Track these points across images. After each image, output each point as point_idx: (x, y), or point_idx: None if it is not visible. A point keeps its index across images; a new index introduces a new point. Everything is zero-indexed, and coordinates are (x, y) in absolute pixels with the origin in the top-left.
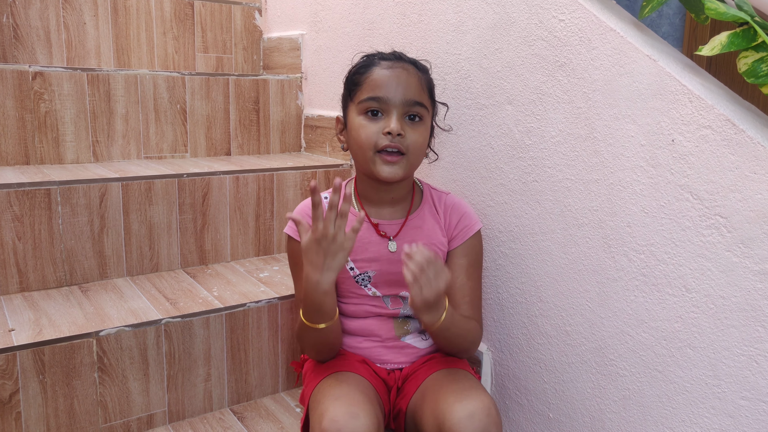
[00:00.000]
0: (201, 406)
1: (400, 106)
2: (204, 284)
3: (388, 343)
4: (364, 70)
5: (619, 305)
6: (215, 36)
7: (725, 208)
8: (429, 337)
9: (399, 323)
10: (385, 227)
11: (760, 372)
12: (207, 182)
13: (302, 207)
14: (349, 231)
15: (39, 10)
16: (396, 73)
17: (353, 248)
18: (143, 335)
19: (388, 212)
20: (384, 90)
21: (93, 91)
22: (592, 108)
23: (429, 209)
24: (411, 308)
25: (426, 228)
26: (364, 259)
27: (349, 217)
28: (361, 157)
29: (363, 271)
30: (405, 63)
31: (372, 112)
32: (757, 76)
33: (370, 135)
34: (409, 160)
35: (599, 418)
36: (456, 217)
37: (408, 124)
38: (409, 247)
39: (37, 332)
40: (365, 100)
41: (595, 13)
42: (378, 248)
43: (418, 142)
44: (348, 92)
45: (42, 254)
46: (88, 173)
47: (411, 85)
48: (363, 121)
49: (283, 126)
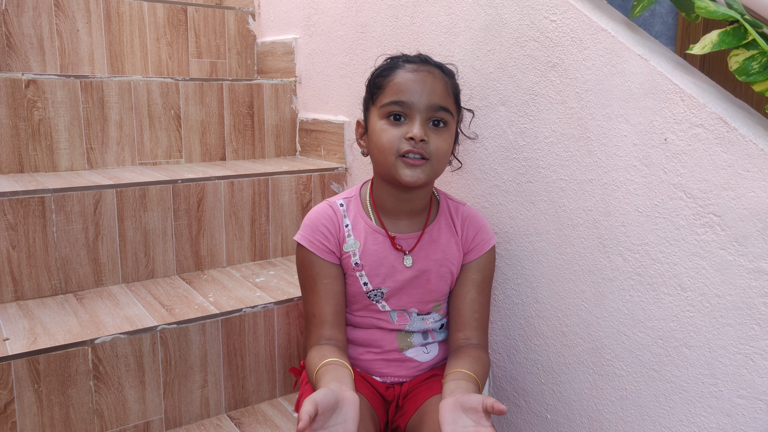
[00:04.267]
0: (198, 412)
1: (424, 111)
2: (200, 290)
3: (390, 355)
4: (388, 72)
5: (615, 305)
6: (209, 41)
7: (719, 207)
8: (431, 350)
9: (402, 336)
10: (401, 241)
11: (756, 370)
12: (202, 188)
13: (316, 216)
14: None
15: (32, 18)
16: (421, 76)
17: (369, 263)
18: (139, 342)
19: (406, 224)
20: (408, 94)
21: (87, 98)
22: (584, 108)
23: (446, 221)
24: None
25: (442, 242)
26: (380, 274)
27: (374, 244)
28: (382, 162)
29: (377, 287)
30: (430, 66)
31: (395, 116)
32: (748, 73)
33: (392, 140)
34: (432, 166)
35: (597, 418)
36: (473, 231)
37: (432, 130)
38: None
39: (32, 341)
40: (388, 104)
41: (586, 13)
42: (393, 264)
43: (442, 148)
44: (370, 95)
45: (36, 262)
46: (82, 180)
47: (436, 90)
48: (385, 126)
49: (277, 130)
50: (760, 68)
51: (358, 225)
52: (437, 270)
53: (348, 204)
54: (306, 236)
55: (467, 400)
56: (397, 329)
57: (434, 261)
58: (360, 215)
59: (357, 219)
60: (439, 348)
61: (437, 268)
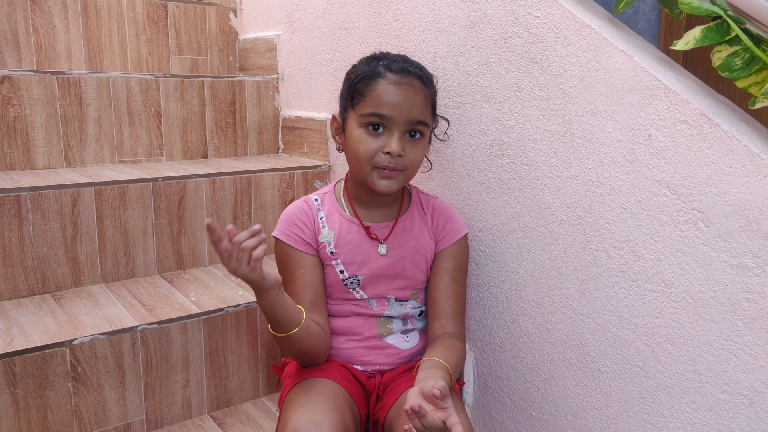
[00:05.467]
0: (180, 413)
1: (403, 125)
2: (181, 289)
3: (370, 342)
4: (369, 81)
5: (600, 302)
6: (189, 37)
7: (702, 203)
8: (412, 338)
9: (382, 322)
10: (376, 230)
11: (739, 366)
12: (183, 186)
13: (291, 211)
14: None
15: (6, 13)
16: (402, 90)
17: (344, 252)
18: (118, 343)
19: (379, 214)
20: (388, 108)
21: (64, 94)
22: (568, 104)
23: (418, 211)
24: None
25: (415, 230)
26: (355, 262)
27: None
28: (357, 169)
29: (353, 275)
30: (412, 78)
31: (374, 126)
32: (731, 70)
33: (370, 151)
34: (406, 175)
35: (582, 415)
36: (443, 220)
37: (408, 141)
38: (416, 405)
39: (7, 342)
40: (368, 114)
41: (570, 9)
42: (368, 251)
43: (417, 159)
44: (350, 97)
45: (12, 262)
46: (59, 179)
47: (416, 105)
48: (364, 135)
49: (260, 127)
50: (743, 64)
51: (333, 217)
52: (412, 257)
53: (323, 199)
54: (282, 230)
55: (425, 386)
56: (376, 314)
57: (408, 248)
58: (335, 208)
59: (332, 211)
60: (419, 337)
61: (412, 255)
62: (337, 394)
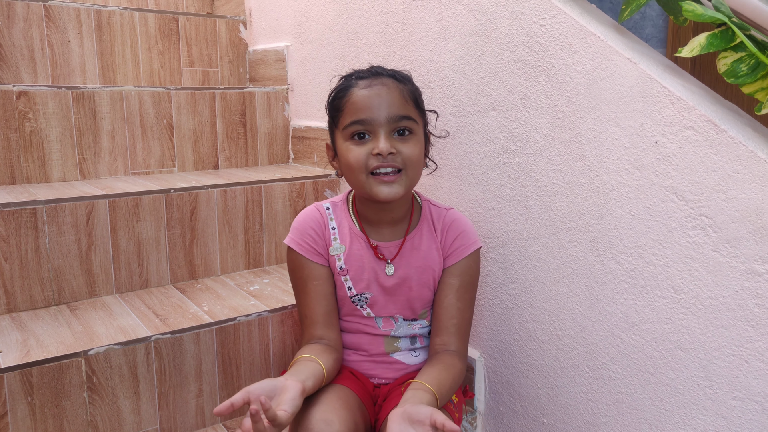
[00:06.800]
0: (193, 422)
1: (386, 124)
2: (194, 299)
3: (377, 358)
4: (343, 93)
5: (609, 308)
6: (200, 50)
7: (710, 209)
8: (420, 354)
9: (389, 341)
10: (384, 249)
11: (751, 372)
12: (195, 197)
13: (303, 219)
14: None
15: (22, 29)
16: (375, 91)
17: (353, 268)
18: (133, 353)
19: (388, 232)
20: (366, 111)
21: (78, 108)
22: (575, 112)
23: (427, 227)
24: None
25: (423, 248)
26: (363, 279)
27: (353, 242)
28: (356, 182)
29: (360, 293)
30: (383, 78)
31: (358, 135)
32: (737, 76)
33: (360, 158)
34: (408, 175)
35: (593, 422)
36: (453, 235)
37: (398, 140)
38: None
39: (24, 353)
40: (349, 125)
41: (575, 17)
42: (375, 271)
43: (414, 155)
44: (332, 119)
45: (29, 274)
46: (74, 191)
47: (394, 101)
48: (351, 146)
49: (270, 138)
50: (748, 70)
51: (344, 229)
52: (418, 277)
53: (334, 208)
54: (295, 239)
55: (415, 411)
56: (383, 334)
57: (415, 268)
58: (345, 219)
59: (342, 223)
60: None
61: (418, 276)
62: (348, 396)
